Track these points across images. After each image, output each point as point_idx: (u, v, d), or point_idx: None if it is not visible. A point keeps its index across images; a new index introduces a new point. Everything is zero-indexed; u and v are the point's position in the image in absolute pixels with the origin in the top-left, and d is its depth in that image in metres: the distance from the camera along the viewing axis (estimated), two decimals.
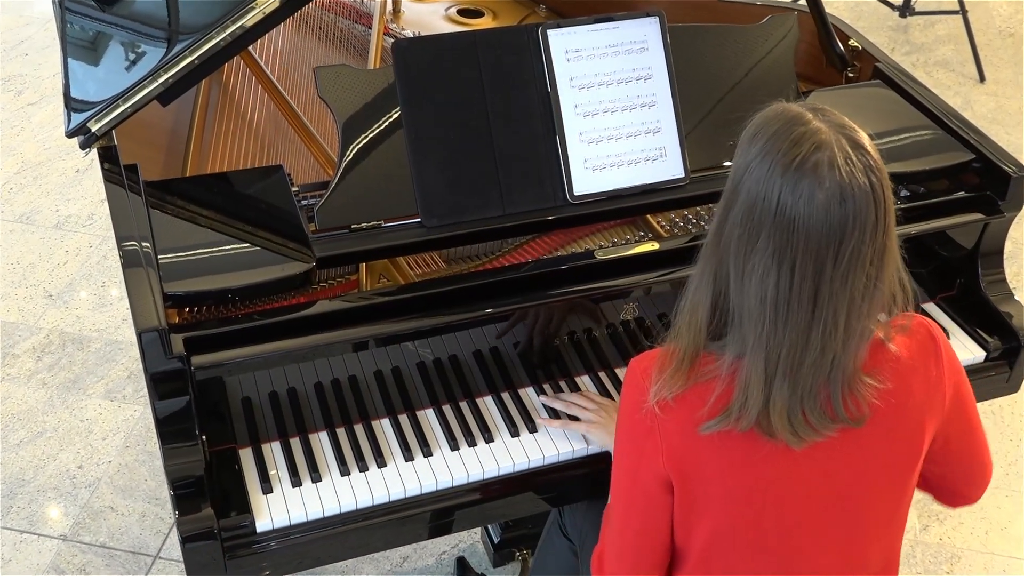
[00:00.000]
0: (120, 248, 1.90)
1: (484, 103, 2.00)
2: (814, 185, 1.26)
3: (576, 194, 2.05)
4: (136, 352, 3.38)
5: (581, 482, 1.94)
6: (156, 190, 2.02)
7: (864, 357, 1.39)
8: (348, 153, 1.98)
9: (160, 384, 1.76)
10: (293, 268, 1.87)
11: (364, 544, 1.88)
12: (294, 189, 2.06)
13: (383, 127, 2.02)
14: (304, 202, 2.06)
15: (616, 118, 2.05)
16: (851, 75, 2.54)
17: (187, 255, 1.90)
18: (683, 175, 2.11)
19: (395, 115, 2.01)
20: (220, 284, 1.83)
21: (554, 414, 1.98)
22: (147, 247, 1.89)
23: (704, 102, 2.16)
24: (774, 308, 1.30)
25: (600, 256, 2.00)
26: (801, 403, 1.36)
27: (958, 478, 1.60)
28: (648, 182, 2.08)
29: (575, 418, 1.94)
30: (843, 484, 1.46)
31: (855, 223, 1.27)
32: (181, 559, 1.75)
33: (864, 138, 1.32)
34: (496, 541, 2.61)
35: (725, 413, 1.38)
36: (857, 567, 1.53)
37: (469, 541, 2.83)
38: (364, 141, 2.00)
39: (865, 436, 1.43)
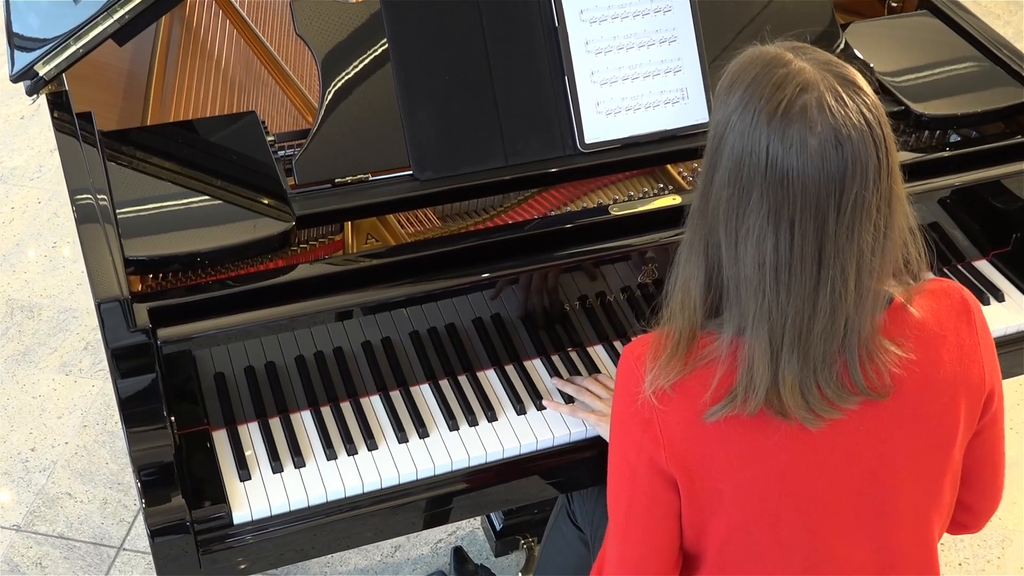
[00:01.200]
0: (73, 202, 1.89)
1: (483, 41, 1.98)
2: (804, 131, 1.25)
3: (587, 142, 2.04)
4: (93, 320, 3.38)
5: (593, 465, 1.94)
6: (113, 141, 2.00)
7: (882, 321, 1.38)
8: (330, 97, 1.96)
9: (123, 360, 1.75)
10: (270, 228, 1.86)
11: (352, 536, 1.88)
12: (269, 139, 2.05)
13: (369, 67, 2.00)
14: (281, 153, 2.05)
15: (632, 55, 2.03)
16: (894, 4, 2.51)
17: (150, 215, 1.87)
18: (707, 120, 2.09)
19: (383, 54, 1.99)
20: (188, 247, 1.82)
21: (568, 398, 1.98)
22: (104, 200, 1.87)
23: (731, 37, 2.13)
24: (774, 274, 1.29)
25: (615, 212, 1.98)
26: (815, 375, 1.35)
27: (976, 486, 1.59)
28: (668, 128, 2.07)
29: (586, 406, 1.94)
30: (869, 468, 1.44)
31: (855, 168, 1.26)
32: (148, 551, 1.75)
33: (854, 73, 1.30)
34: (498, 528, 2.62)
35: (730, 396, 1.37)
36: (893, 563, 1.52)
37: (468, 528, 2.84)
38: (348, 83, 1.98)
39: (890, 412, 1.42)
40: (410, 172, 1.98)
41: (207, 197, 1.91)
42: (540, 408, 1.96)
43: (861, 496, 1.46)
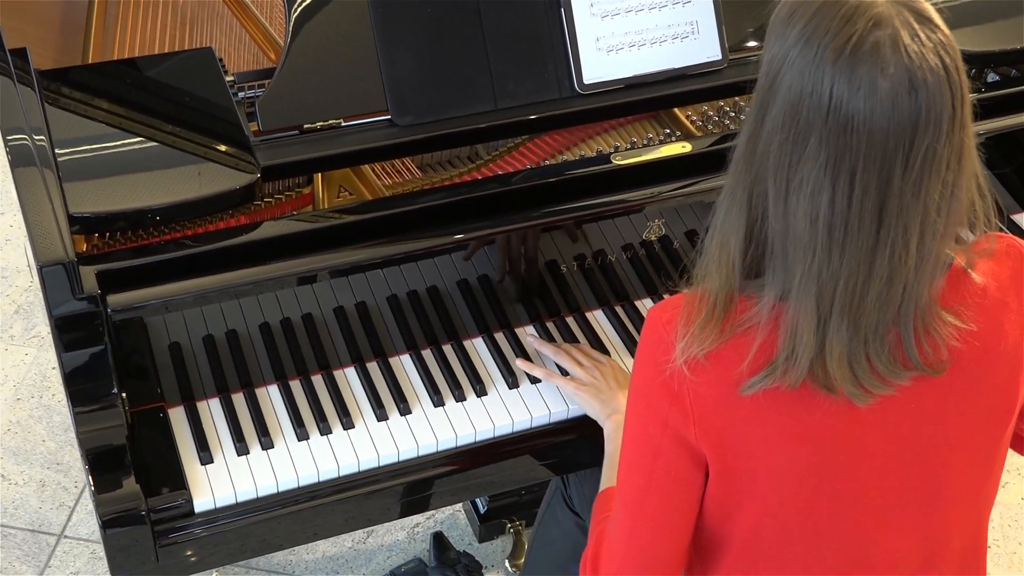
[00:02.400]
0: (6, 143, 1.87)
1: None
2: (875, 72, 1.22)
3: (586, 82, 2.03)
4: (24, 279, 3.34)
5: (592, 445, 1.92)
6: (52, 81, 1.97)
7: (941, 288, 1.37)
8: (296, 31, 1.95)
9: (68, 330, 1.73)
10: (231, 181, 1.84)
11: (322, 525, 1.88)
12: (228, 79, 2.02)
13: None
14: (241, 95, 2.02)
15: None
16: None
17: (95, 167, 1.86)
18: (720, 57, 2.08)
19: None
20: (139, 202, 1.80)
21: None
22: (41, 141, 1.86)
23: None
24: (828, 231, 1.27)
25: (617, 161, 1.98)
26: (865, 346, 1.34)
27: None
28: (676, 66, 2.06)
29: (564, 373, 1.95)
30: (919, 449, 1.44)
31: (929, 116, 1.24)
32: (93, 539, 1.73)
33: (929, 8, 1.28)
34: (482, 511, 2.63)
35: (770, 367, 1.35)
36: (937, 553, 1.52)
37: (448, 511, 2.83)
38: (317, 15, 1.96)
39: (944, 388, 1.41)
40: (388, 117, 1.97)
41: (160, 146, 1.89)
42: (535, 380, 1.96)
43: (908, 480, 1.45)
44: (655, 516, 1.49)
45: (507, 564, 2.68)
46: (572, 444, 1.95)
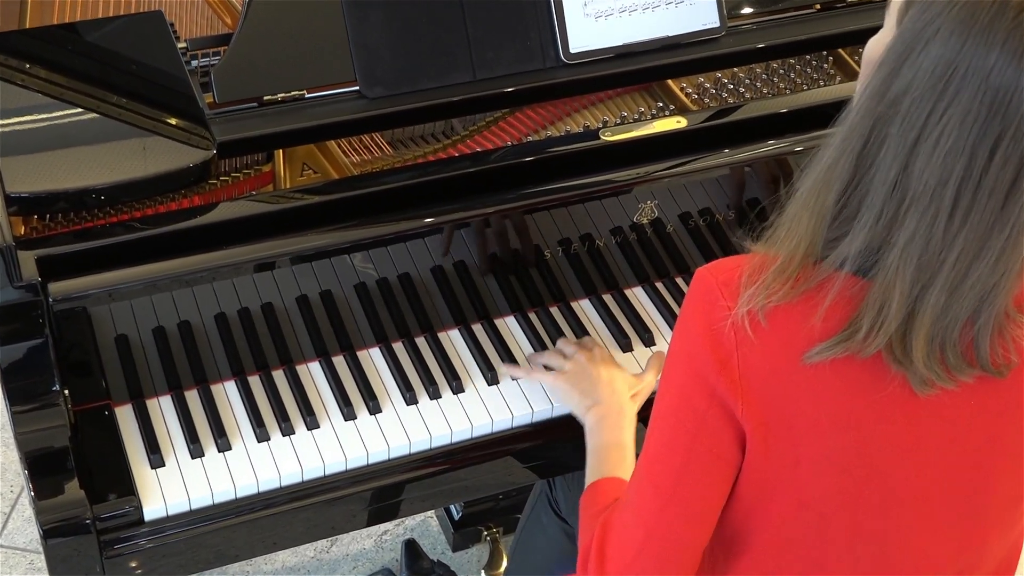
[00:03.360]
0: None
1: None
2: None
3: (573, 51, 2.03)
4: None
5: (581, 445, 1.88)
6: None
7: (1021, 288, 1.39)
8: None
9: (4, 322, 1.72)
10: (184, 157, 1.84)
11: (284, 534, 1.87)
12: (181, 45, 2.01)
13: None
14: (195, 64, 2.01)
15: None
16: None
17: (35, 140, 1.85)
18: (718, 24, 2.09)
19: None
20: (83, 180, 1.80)
21: None
22: None
23: None
24: (955, 195, 1.28)
25: (606, 137, 1.98)
26: (944, 332, 1.35)
27: None
28: (670, 34, 2.07)
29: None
30: (971, 451, 1.45)
31: None
32: (29, 547, 1.72)
33: None
34: (456, 517, 2.63)
35: (847, 331, 1.36)
36: (974, 564, 1.53)
37: (419, 517, 2.83)
38: None
39: (1004, 390, 1.41)
40: (356, 88, 1.97)
41: (106, 119, 1.88)
42: (516, 377, 1.96)
43: (955, 483, 1.46)
44: (690, 501, 1.48)
45: (483, 574, 2.68)
46: (558, 445, 1.95)
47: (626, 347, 2.01)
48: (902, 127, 1.30)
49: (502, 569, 2.64)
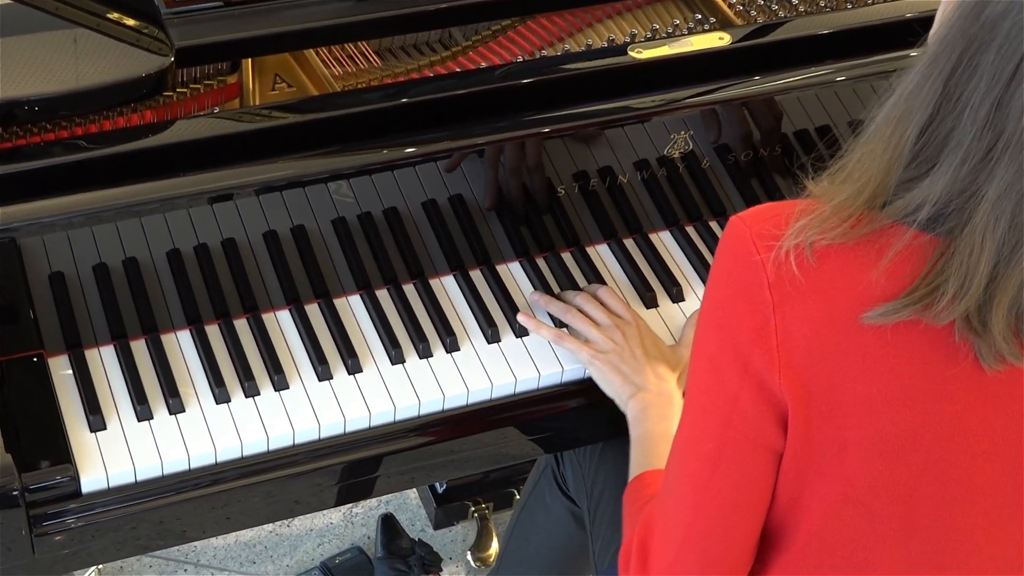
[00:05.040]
0: None
1: None
2: None
3: None
4: None
5: (596, 416, 1.94)
6: None
7: None
8: None
9: None
10: (136, 64, 1.83)
11: (240, 512, 1.87)
12: None
13: None
14: None
15: None
16: None
17: None
18: None
19: None
20: (14, 89, 1.79)
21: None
22: None
23: None
24: None
25: (635, 54, 1.96)
26: (1020, 302, 1.35)
27: None
28: None
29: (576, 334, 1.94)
30: None
31: None
32: None
33: None
34: (440, 489, 2.64)
35: (918, 291, 1.34)
36: (1014, 567, 1.54)
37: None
38: None
39: None
40: None
41: (44, 15, 1.88)
42: (521, 333, 1.95)
43: (1020, 474, 1.46)
44: (726, 492, 1.49)
45: (469, 557, 2.70)
46: (569, 415, 1.95)
47: (650, 302, 2.00)
48: (998, 56, 1.27)
49: (492, 551, 2.65)
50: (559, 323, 1.95)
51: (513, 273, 2.03)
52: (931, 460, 1.43)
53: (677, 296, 2.01)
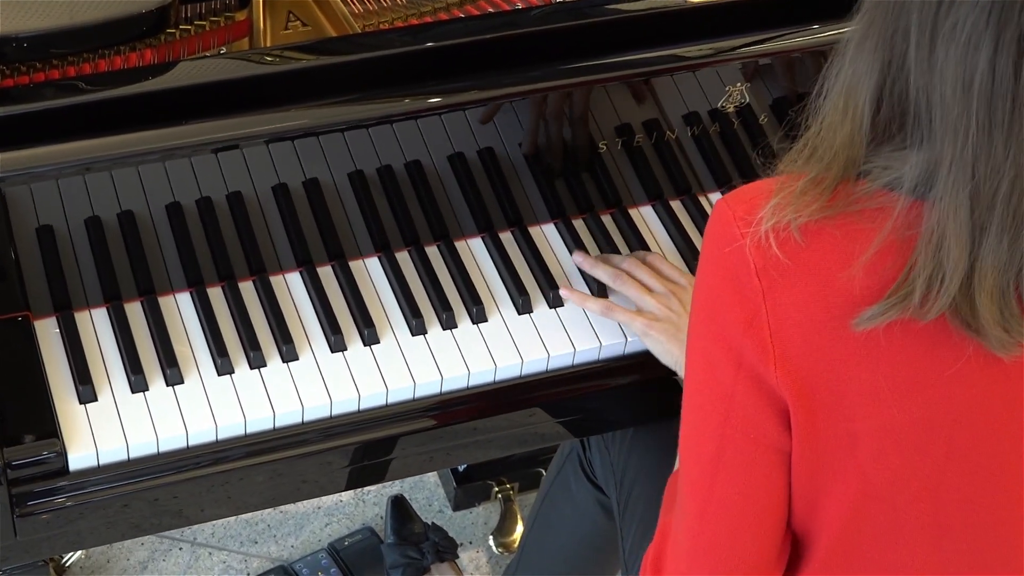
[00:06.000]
0: None
1: None
2: None
3: None
4: None
5: (633, 398, 1.95)
6: None
7: None
8: None
9: None
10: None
11: (241, 495, 1.88)
12: None
13: None
14: None
15: None
16: None
17: None
18: None
19: None
20: (3, 25, 1.78)
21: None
22: None
23: None
24: (987, 104, 1.27)
25: None
26: (1017, 277, 1.34)
27: None
28: None
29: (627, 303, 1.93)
30: None
31: None
32: None
33: None
34: (460, 468, 2.65)
35: (901, 292, 1.34)
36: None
37: None
38: None
39: None
40: None
41: None
42: (556, 304, 1.95)
43: None
44: (730, 498, 1.49)
45: (491, 541, 2.72)
46: (603, 396, 1.95)
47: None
48: (919, 17, 1.29)
49: (516, 536, 2.66)
50: (600, 291, 1.95)
51: (547, 236, 2.03)
52: (954, 449, 1.44)
53: None
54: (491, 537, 2.70)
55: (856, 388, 1.40)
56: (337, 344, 1.88)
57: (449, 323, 1.92)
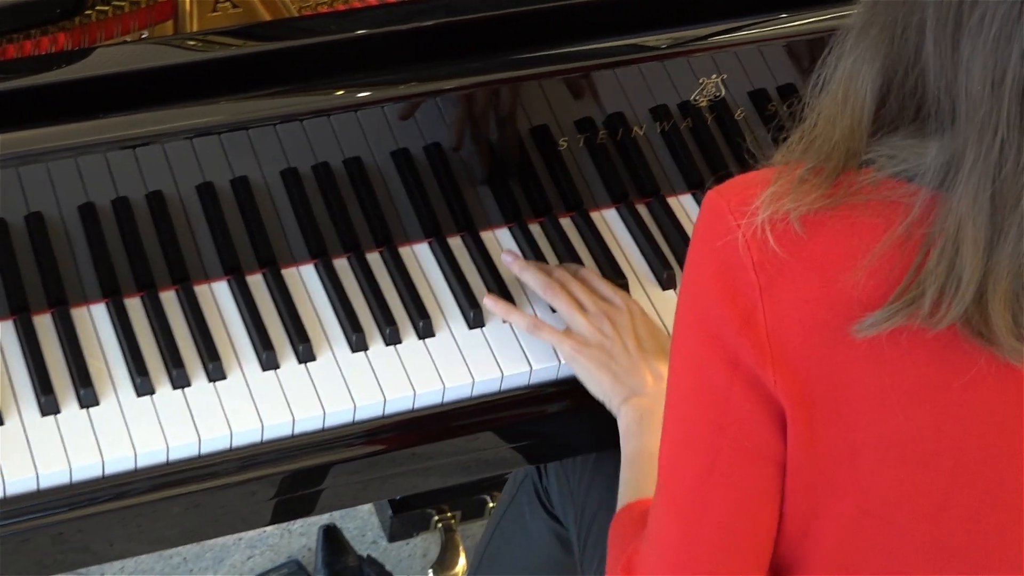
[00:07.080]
0: None
1: None
2: None
3: None
4: None
5: (593, 421, 1.93)
6: None
7: None
8: None
9: None
10: None
11: (155, 532, 1.88)
12: None
13: None
14: None
15: None
16: None
17: None
18: None
19: None
20: None
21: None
22: None
23: None
24: (1020, 101, 1.29)
25: None
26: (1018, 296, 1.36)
27: None
28: None
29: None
30: None
31: None
32: None
33: None
34: (397, 497, 2.64)
35: (908, 296, 1.36)
36: None
37: None
38: None
39: None
40: None
41: None
42: (505, 319, 1.96)
43: None
44: (722, 519, 1.50)
45: (431, 575, 2.69)
46: (561, 418, 1.96)
47: (668, 282, 2.01)
48: (939, 8, 1.31)
49: (458, 570, 2.67)
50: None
51: (501, 242, 2.03)
52: (961, 464, 1.45)
53: None
54: (431, 570, 2.69)
55: (859, 394, 1.42)
56: (269, 361, 1.88)
57: (393, 339, 1.92)
